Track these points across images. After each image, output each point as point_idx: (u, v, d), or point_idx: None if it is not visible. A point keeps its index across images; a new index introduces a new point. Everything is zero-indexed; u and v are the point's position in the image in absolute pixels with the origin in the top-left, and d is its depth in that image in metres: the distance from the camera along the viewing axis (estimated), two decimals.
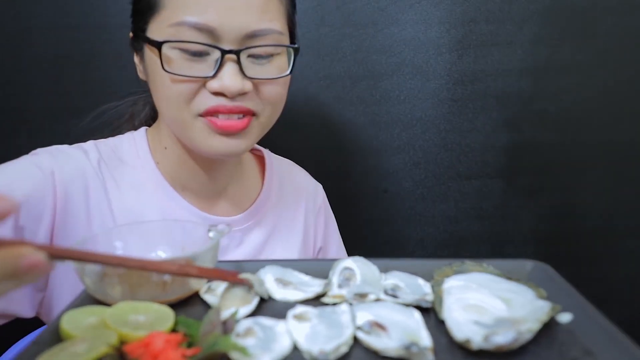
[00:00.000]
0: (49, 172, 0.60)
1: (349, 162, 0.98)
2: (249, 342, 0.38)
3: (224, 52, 0.56)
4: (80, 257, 0.38)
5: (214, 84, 0.58)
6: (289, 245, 0.76)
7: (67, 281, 0.62)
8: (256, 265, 0.54)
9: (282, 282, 0.49)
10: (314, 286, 0.49)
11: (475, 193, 1.05)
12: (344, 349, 0.38)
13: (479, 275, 0.50)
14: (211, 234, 0.52)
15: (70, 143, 0.87)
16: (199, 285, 0.48)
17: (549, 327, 0.41)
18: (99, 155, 0.67)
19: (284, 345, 0.38)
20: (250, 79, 0.59)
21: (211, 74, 0.57)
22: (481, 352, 0.38)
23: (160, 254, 0.54)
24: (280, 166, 0.82)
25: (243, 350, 0.36)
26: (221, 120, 0.59)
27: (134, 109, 0.78)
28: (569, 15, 0.99)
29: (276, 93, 0.63)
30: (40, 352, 0.36)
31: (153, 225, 0.54)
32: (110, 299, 0.44)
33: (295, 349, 0.38)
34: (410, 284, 0.49)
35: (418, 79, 1.01)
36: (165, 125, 0.67)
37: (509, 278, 0.50)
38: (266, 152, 0.82)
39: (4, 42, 0.95)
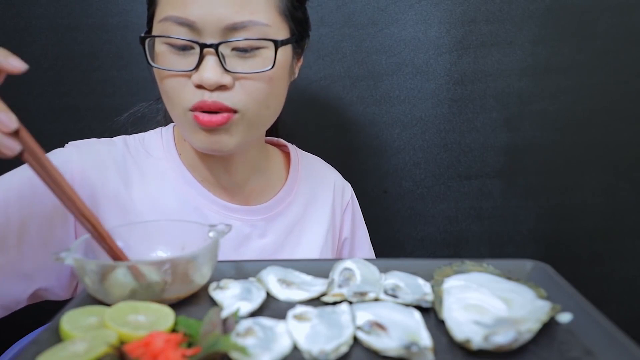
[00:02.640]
0: (64, 161, 0.64)
1: (349, 162, 0.99)
2: (249, 341, 0.38)
3: (202, 46, 0.58)
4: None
5: (194, 77, 0.59)
6: (312, 236, 0.76)
7: None
8: (257, 265, 0.54)
9: (285, 283, 0.49)
10: (317, 285, 0.49)
11: (475, 193, 1.06)
12: (344, 349, 0.38)
13: (478, 275, 0.50)
14: (211, 234, 0.52)
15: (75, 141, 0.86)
16: (200, 284, 0.48)
17: (549, 327, 0.42)
18: (125, 148, 0.70)
19: (284, 345, 0.38)
20: (230, 72, 0.60)
21: (193, 67, 0.59)
22: (481, 352, 0.38)
23: (160, 253, 0.54)
24: (308, 162, 0.83)
25: (243, 350, 0.36)
26: (202, 115, 0.60)
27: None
28: (568, 16, 0.99)
29: (257, 89, 0.62)
30: (40, 352, 0.36)
31: (153, 225, 0.54)
32: (110, 299, 0.44)
33: (295, 348, 0.38)
34: (410, 283, 0.49)
35: (418, 79, 1.01)
36: None
37: (509, 278, 0.50)
38: (292, 148, 0.83)
39: (4, 42, 0.95)
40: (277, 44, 0.61)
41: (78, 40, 0.95)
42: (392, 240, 1.08)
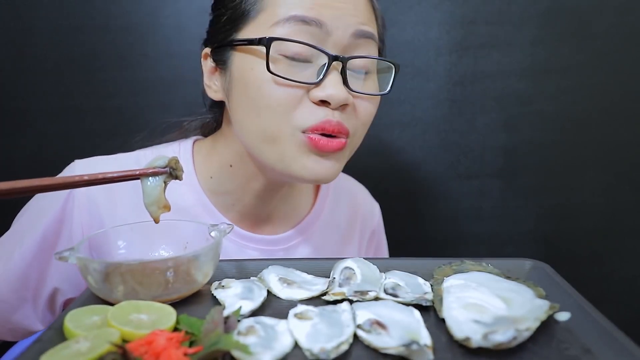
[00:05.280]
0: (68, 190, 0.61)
1: (349, 163, 0.99)
2: (250, 340, 0.38)
3: (331, 58, 0.54)
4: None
5: (319, 92, 0.54)
6: None
7: None
8: (258, 265, 0.54)
9: (286, 282, 0.49)
10: (317, 284, 0.50)
11: (474, 193, 1.06)
12: (344, 347, 0.38)
13: (478, 274, 0.50)
14: (213, 234, 0.53)
15: (72, 143, 0.87)
16: (202, 283, 0.49)
17: (548, 325, 0.42)
18: (136, 168, 0.65)
19: (285, 344, 0.39)
20: (352, 92, 0.56)
21: (316, 80, 0.54)
22: (480, 350, 0.38)
23: (163, 253, 0.55)
24: (338, 184, 0.78)
25: (245, 349, 0.36)
26: (322, 139, 0.55)
27: (184, 126, 0.75)
28: (567, 17, 0.99)
29: (369, 111, 0.60)
30: (44, 350, 0.36)
31: (155, 225, 0.54)
32: (113, 298, 0.45)
33: (297, 347, 0.39)
34: (410, 283, 0.49)
35: (418, 80, 1.02)
36: (236, 141, 0.63)
37: (508, 277, 0.50)
38: None
39: (7, 43, 0.95)
40: (398, 68, 0.60)
41: (80, 41, 0.96)
42: (392, 240, 1.08)
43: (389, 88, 0.60)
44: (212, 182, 0.66)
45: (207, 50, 0.63)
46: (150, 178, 0.47)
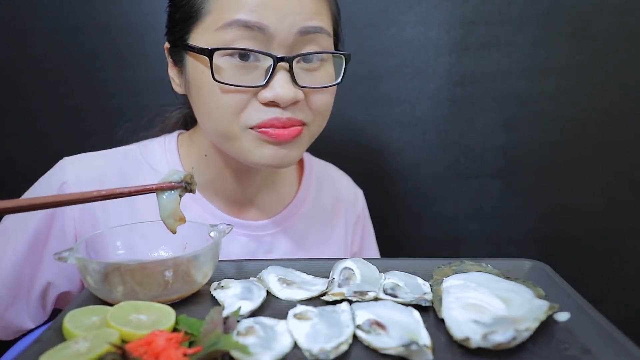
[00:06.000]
0: (59, 184, 0.63)
1: (349, 163, 0.99)
2: (250, 340, 0.38)
3: (276, 60, 0.54)
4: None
5: (266, 94, 0.55)
6: (321, 252, 0.74)
7: None
8: (258, 265, 0.54)
9: (286, 282, 0.49)
10: (317, 285, 0.50)
11: (474, 193, 1.06)
12: (344, 348, 0.38)
13: (478, 274, 0.50)
14: (212, 234, 0.53)
15: (72, 143, 0.87)
16: (201, 284, 0.49)
17: (547, 325, 0.42)
18: (124, 161, 0.67)
19: (284, 344, 0.39)
20: (302, 87, 0.57)
21: (262, 82, 0.55)
22: (480, 350, 0.38)
23: (162, 253, 0.55)
24: (321, 171, 0.80)
25: (244, 349, 0.36)
26: (274, 130, 0.57)
27: (166, 118, 0.77)
28: (567, 17, 0.99)
29: (325, 102, 0.61)
30: (43, 351, 0.36)
31: (155, 225, 0.54)
32: (113, 298, 0.45)
33: (296, 347, 0.39)
34: (410, 283, 0.49)
35: (418, 80, 1.02)
36: (206, 135, 0.66)
37: (508, 277, 0.50)
38: (307, 157, 0.80)
39: (7, 43, 0.95)
40: (348, 58, 0.61)
41: (80, 41, 0.96)
42: (392, 240, 1.08)
43: (339, 79, 0.61)
44: (194, 173, 0.68)
45: (167, 44, 0.65)
46: (166, 192, 0.49)
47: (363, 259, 0.53)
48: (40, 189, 0.65)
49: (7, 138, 0.98)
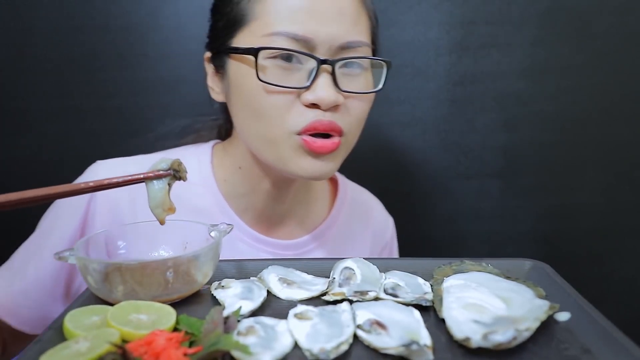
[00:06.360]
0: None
1: (349, 163, 0.99)
2: (250, 340, 0.38)
3: (319, 62, 0.55)
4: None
5: (309, 96, 0.56)
6: None
7: None
8: (258, 264, 0.54)
9: (286, 282, 0.49)
10: (317, 284, 0.50)
11: (474, 193, 1.06)
12: (344, 348, 0.38)
13: (478, 274, 0.50)
14: (213, 234, 0.53)
15: (72, 143, 0.87)
16: (201, 284, 0.49)
17: (547, 325, 0.42)
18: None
19: (285, 344, 0.39)
20: (343, 92, 0.57)
21: (306, 84, 0.56)
22: (480, 350, 0.38)
23: (162, 253, 0.55)
24: (354, 196, 0.79)
25: (244, 349, 0.36)
26: (315, 140, 0.57)
27: (201, 127, 0.77)
28: (567, 17, 0.99)
29: (362, 109, 0.61)
30: (43, 351, 0.36)
31: (155, 225, 0.54)
32: (113, 298, 0.45)
33: (296, 347, 0.39)
34: (410, 283, 0.49)
35: (418, 80, 1.02)
36: (244, 144, 0.65)
37: (508, 277, 0.50)
38: (341, 178, 0.80)
39: (7, 43, 0.95)
40: (389, 65, 0.61)
41: (80, 41, 0.96)
42: None
43: (380, 85, 0.61)
44: (227, 185, 0.68)
45: (208, 54, 0.65)
46: (154, 181, 0.49)
47: (363, 258, 0.53)
48: None
49: (7, 138, 0.98)
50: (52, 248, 0.61)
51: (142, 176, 0.48)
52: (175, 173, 0.49)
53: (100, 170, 0.66)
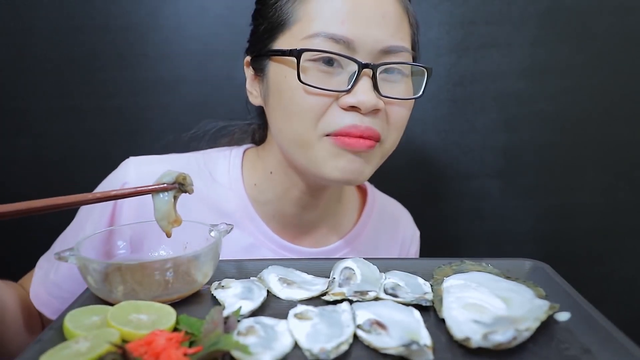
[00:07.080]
0: (121, 183, 0.65)
1: None
2: (250, 340, 0.38)
3: (361, 66, 0.55)
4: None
5: (349, 99, 0.55)
6: None
7: None
8: (258, 264, 0.54)
9: (286, 282, 0.49)
10: (317, 284, 0.50)
11: (474, 193, 1.06)
12: (344, 348, 0.38)
13: (478, 274, 0.50)
14: (213, 233, 0.53)
15: (72, 143, 0.87)
16: (201, 284, 0.49)
17: (547, 325, 0.42)
18: (187, 169, 0.64)
19: (285, 344, 0.39)
20: (384, 97, 0.57)
21: (347, 87, 0.56)
22: (480, 350, 0.38)
23: (162, 253, 0.55)
24: (383, 208, 0.79)
25: (245, 349, 0.36)
26: (350, 138, 0.56)
27: (235, 131, 0.77)
28: (567, 17, 0.99)
29: (402, 116, 0.61)
30: (43, 351, 0.36)
31: (155, 225, 0.54)
32: (113, 298, 0.45)
33: (296, 347, 0.39)
34: (410, 283, 0.49)
35: None
36: (277, 148, 0.65)
37: (508, 277, 0.50)
38: (370, 188, 0.80)
39: (7, 43, 0.95)
40: (430, 71, 0.61)
41: (80, 41, 0.96)
42: None
43: (421, 92, 0.61)
44: (255, 190, 0.68)
45: (248, 58, 0.66)
46: (160, 194, 0.50)
47: (364, 258, 0.53)
48: (104, 187, 0.67)
49: (7, 138, 0.98)
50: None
51: (148, 189, 0.49)
52: (181, 186, 0.50)
53: (131, 166, 0.66)
